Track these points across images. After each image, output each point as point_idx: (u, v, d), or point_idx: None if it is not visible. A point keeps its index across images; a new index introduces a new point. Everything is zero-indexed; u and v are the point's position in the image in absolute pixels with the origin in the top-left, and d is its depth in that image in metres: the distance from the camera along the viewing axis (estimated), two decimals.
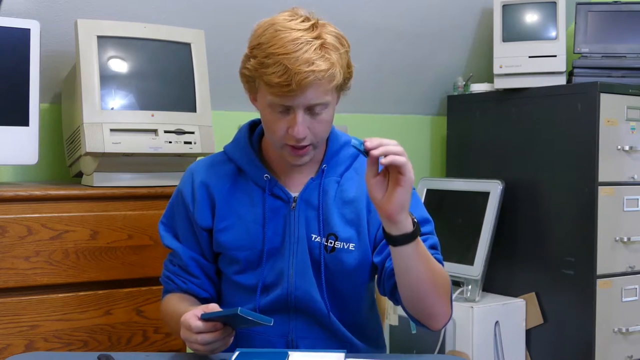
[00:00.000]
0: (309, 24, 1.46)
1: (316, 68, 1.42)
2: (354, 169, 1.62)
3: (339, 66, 1.46)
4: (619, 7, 2.88)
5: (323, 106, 1.49)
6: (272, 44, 1.43)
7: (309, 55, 1.41)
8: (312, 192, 1.58)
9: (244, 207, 1.59)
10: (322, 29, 1.47)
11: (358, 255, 1.57)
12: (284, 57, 1.41)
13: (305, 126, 1.48)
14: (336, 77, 1.46)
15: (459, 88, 3.16)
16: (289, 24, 1.45)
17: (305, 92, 1.44)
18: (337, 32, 1.50)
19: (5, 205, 1.84)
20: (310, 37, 1.44)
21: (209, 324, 1.37)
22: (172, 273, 1.66)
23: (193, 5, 2.46)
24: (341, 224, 1.57)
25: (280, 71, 1.41)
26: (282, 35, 1.43)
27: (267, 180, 1.58)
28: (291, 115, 1.47)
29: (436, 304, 1.48)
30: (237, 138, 1.66)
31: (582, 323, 2.67)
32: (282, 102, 1.46)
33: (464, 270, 2.79)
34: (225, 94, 2.66)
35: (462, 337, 2.70)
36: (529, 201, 2.86)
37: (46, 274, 1.89)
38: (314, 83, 1.43)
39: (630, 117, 2.71)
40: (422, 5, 2.92)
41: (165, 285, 1.68)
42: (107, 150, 1.99)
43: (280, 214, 1.57)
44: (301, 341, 1.57)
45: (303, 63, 1.41)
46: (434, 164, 3.36)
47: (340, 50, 1.47)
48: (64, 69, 2.26)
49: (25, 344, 1.86)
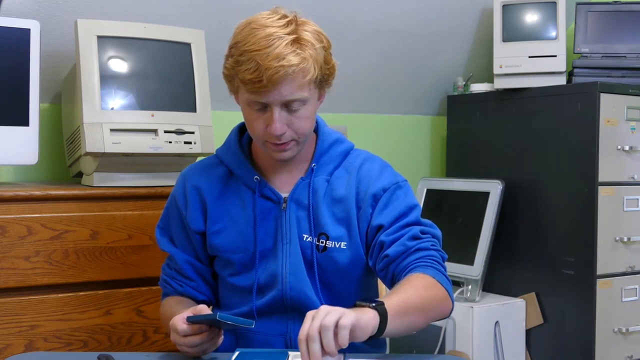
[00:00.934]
0: (285, 21, 1.46)
1: (286, 63, 1.41)
2: (343, 167, 1.62)
3: (312, 60, 1.44)
4: (619, 7, 2.88)
5: (300, 102, 1.48)
6: (246, 42, 1.44)
7: (279, 50, 1.41)
8: (302, 192, 1.58)
9: (235, 209, 1.59)
10: (300, 26, 1.46)
11: (350, 254, 1.57)
12: (256, 54, 1.41)
13: (283, 123, 1.48)
14: (310, 71, 1.44)
15: (459, 88, 3.16)
16: (265, 21, 1.45)
17: (278, 88, 1.43)
18: (316, 29, 1.49)
19: (5, 205, 1.84)
20: (284, 32, 1.43)
21: (195, 327, 1.39)
22: (169, 276, 1.67)
23: (193, 5, 2.46)
24: (332, 223, 1.57)
25: (252, 68, 1.42)
26: (256, 33, 1.44)
27: (257, 182, 1.58)
28: (268, 112, 1.48)
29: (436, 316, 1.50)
30: (227, 141, 1.67)
31: (582, 323, 2.67)
32: (258, 99, 1.46)
33: (464, 270, 2.79)
34: (225, 94, 2.64)
35: (462, 337, 2.69)
36: (529, 201, 2.86)
37: (46, 274, 1.89)
38: (286, 78, 1.42)
39: (630, 117, 2.71)
40: (422, 5, 2.92)
41: (163, 288, 1.70)
42: (107, 150, 1.99)
43: (271, 215, 1.58)
44: None
45: (273, 58, 1.41)
46: (434, 164, 3.36)
47: (315, 45, 1.46)
48: (64, 69, 2.26)
49: (25, 344, 1.86)
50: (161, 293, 1.72)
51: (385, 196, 1.57)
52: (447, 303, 1.49)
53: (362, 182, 1.59)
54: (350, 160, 1.62)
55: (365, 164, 1.62)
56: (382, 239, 1.54)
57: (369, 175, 1.59)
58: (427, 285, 1.45)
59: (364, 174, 1.60)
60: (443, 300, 1.48)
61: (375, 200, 1.57)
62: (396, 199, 1.58)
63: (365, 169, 1.61)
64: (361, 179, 1.59)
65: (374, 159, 1.64)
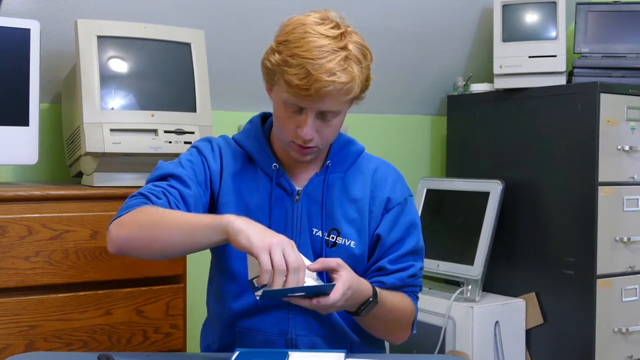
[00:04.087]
0: (337, 33, 1.48)
1: (337, 79, 1.44)
2: (357, 168, 1.66)
3: (358, 80, 1.48)
4: (619, 7, 2.88)
5: (335, 113, 1.52)
6: (299, 45, 1.45)
7: (332, 65, 1.43)
8: (315, 187, 1.61)
9: (248, 190, 1.60)
10: (349, 38, 1.49)
11: (358, 253, 1.59)
12: (308, 62, 1.43)
13: (314, 129, 1.51)
14: (353, 90, 1.48)
15: (459, 88, 3.16)
16: (319, 28, 1.47)
17: (322, 100, 1.46)
18: (363, 43, 1.52)
19: (5, 205, 1.84)
20: (337, 46, 1.46)
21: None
22: (165, 190, 1.51)
23: (193, 5, 2.46)
24: (344, 220, 1.60)
25: (302, 74, 1.43)
26: (310, 39, 1.45)
27: (275, 169, 1.60)
28: (303, 115, 1.50)
29: (396, 333, 1.64)
30: (247, 129, 1.68)
31: (582, 323, 2.67)
32: (297, 103, 1.48)
33: (464, 270, 2.79)
34: (225, 94, 2.66)
35: (462, 337, 2.69)
36: (529, 201, 2.86)
37: (46, 274, 1.89)
38: (332, 93, 1.45)
39: (630, 117, 2.71)
40: (422, 5, 2.92)
41: (146, 196, 1.49)
42: (107, 150, 1.99)
43: (282, 205, 1.59)
44: (300, 339, 1.57)
45: (325, 72, 1.43)
46: (434, 164, 3.36)
47: (362, 64, 1.49)
48: (64, 69, 2.26)
49: (25, 344, 1.86)
50: (133, 199, 1.50)
51: (396, 210, 1.63)
52: (408, 329, 1.65)
53: (377, 187, 1.64)
54: (363, 162, 1.67)
55: (380, 169, 1.67)
56: (384, 265, 1.60)
57: (385, 181, 1.65)
58: (405, 306, 1.61)
59: (379, 179, 1.65)
60: (408, 323, 1.64)
61: (387, 209, 1.63)
62: (407, 213, 1.64)
63: (381, 174, 1.66)
64: (377, 183, 1.65)
65: (387, 165, 1.70)
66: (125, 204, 1.50)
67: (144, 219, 1.44)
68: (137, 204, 1.47)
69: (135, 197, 1.50)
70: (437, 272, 2.89)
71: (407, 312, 1.62)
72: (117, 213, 1.49)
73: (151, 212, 1.44)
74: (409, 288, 1.64)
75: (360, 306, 1.48)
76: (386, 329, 1.62)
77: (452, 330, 2.71)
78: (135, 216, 1.45)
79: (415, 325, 1.66)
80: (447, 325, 2.71)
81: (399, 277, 1.60)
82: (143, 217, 1.44)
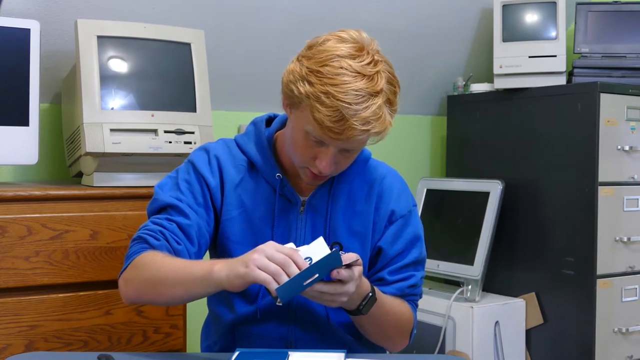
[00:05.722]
0: (373, 71, 1.40)
1: (371, 129, 1.39)
2: (363, 178, 1.62)
3: (389, 126, 1.43)
4: (619, 7, 2.88)
5: (356, 150, 1.50)
6: (334, 84, 1.37)
7: (367, 114, 1.37)
8: (321, 198, 1.58)
9: (251, 201, 1.56)
10: (383, 74, 1.42)
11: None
12: (344, 106, 1.36)
13: (334, 162, 1.46)
14: (383, 135, 1.44)
15: (459, 88, 3.16)
16: (354, 64, 1.39)
17: (350, 141, 1.42)
18: (393, 73, 1.46)
19: (5, 205, 1.84)
20: (373, 90, 1.38)
21: None
22: (167, 230, 1.50)
23: (193, 5, 2.46)
24: (348, 234, 1.58)
25: (336, 117, 1.36)
26: (345, 78, 1.37)
27: (278, 179, 1.56)
28: (323, 148, 1.44)
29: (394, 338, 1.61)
30: (250, 131, 1.62)
31: (582, 323, 2.67)
32: (322, 139, 1.42)
33: (464, 270, 2.79)
34: (225, 94, 2.66)
35: (462, 337, 2.70)
36: (529, 201, 2.86)
37: (46, 274, 1.89)
38: (363, 140, 1.43)
39: (630, 117, 2.71)
40: (422, 5, 2.92)
41: (147, 240, 1.49)
42: (107, 150, 1.99)
43: (286, 217, 1.57)
44: (300, 343, 1.57)
45: (360, 120, 1.36)
46: (434, 164, 3.36)
47: (394, 106, 1.43)
48: (64, 69, 2.26)
49: (25, 344, 1.86)
50: (134, 245, 1.51)
51: (399, 223, 1.61)
52: (406, 337, 1.63)
53: (382, 199, 1.61)
54: (370, 170, 1.63)
55: (386, 179, 1.63)
56: (384, 276, 1.59)
57: (390, 192, 1.62)
58: (403, 311, 1.60)
59: (385, 190, 1.62)
60: (407, 330, 1.62)
61: (390, 221, 1.61)
62: (410, 225, 1.62)
63: (387, 185, 1.62)
64: (382, 194, 1.61)
65: (394, 174, 1.66)
66: (129, 250, 1.51)
67: (145, 275, 1.45)
68: (137, 252, 1.48)
69: (136, 241, 1.51)
70: (437, 272, 2.89)
71: (406, 317, 1.60)
72: (124, 261, 1.51)
73: (150, 265, 1.44)
74: (408, 297, 1.62)
75: (361, 302, 1.45)
76: (384, 333, 1.59)
77: (452, 330, 2.71)
78: (137, 272, 1.46)
79: (413, 336, 1.64)
80: (447, 325, 2.71)
81: (399, 287, 1.59)
82: (143, 273, 1.45)
